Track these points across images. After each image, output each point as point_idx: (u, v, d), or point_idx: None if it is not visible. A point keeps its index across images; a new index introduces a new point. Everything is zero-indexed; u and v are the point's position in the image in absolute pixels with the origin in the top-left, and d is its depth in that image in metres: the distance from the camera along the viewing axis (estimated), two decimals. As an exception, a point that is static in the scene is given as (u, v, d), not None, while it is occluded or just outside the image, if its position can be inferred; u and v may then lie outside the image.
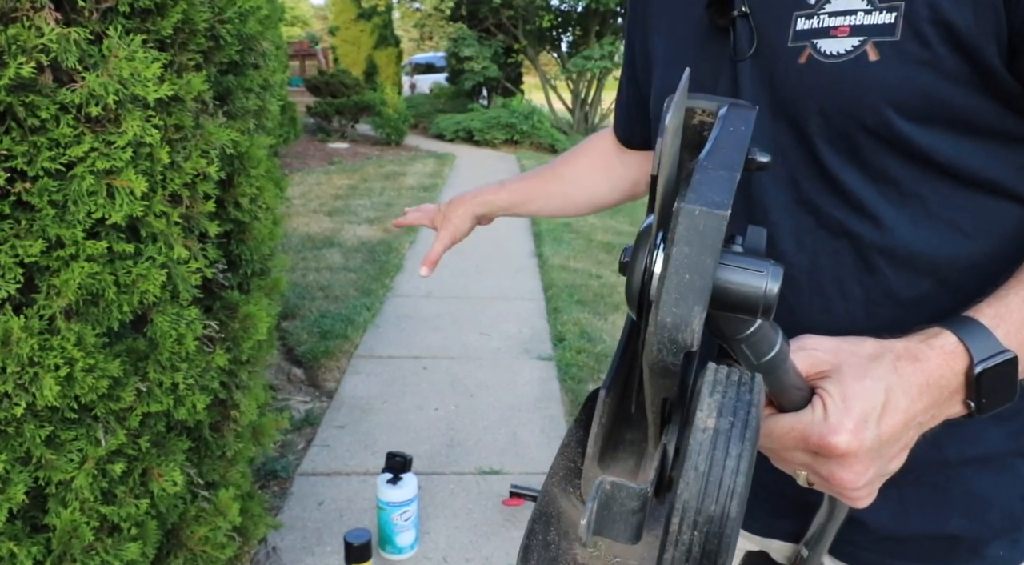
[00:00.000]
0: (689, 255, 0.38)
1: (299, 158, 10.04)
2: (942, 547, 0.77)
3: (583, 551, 0.50)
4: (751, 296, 0.42)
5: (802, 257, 0.72)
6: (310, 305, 4.39)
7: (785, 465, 0.59)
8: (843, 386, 0.54)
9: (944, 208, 0.68)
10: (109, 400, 1.28)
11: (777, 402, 0.56)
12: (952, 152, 0.65)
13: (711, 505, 0.36)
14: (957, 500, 0.75)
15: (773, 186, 0.73)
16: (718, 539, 0.36)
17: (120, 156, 1.19)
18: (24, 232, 1.16)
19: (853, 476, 0.54)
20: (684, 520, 0.36)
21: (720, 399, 0.39)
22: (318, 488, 2.67)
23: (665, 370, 0.40)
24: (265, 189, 1.72)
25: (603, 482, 0.42)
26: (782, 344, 0.49)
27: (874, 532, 0.77)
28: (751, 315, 0.43)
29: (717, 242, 0.38)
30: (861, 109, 0.65)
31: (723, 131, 0.45)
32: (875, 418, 0.54)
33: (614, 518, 0.42)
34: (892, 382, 0.55)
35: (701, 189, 0.39)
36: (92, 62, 1.17)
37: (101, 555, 1.31)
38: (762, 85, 0.71)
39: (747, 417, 0.38)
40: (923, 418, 0.57)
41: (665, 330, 0.38)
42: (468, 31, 16.61)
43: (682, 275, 0.38)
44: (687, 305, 0.38)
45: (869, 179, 0.68)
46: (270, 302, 1.85)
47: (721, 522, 0.36)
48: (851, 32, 0.65)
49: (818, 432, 0.53)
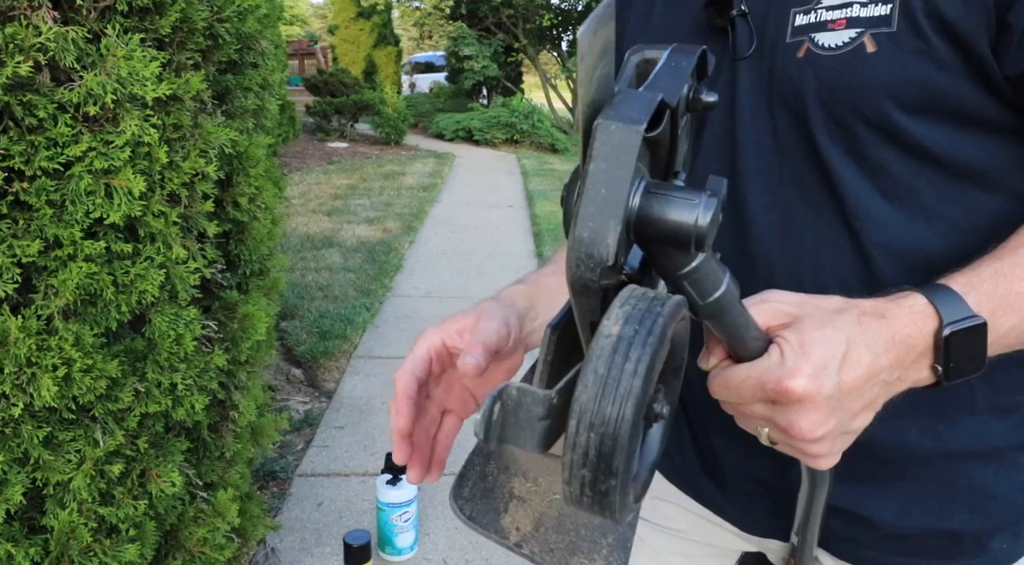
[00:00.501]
0: (605, 170, 0.38)
1: (298, 157, 10.03)
2: (946, 542, 0.77)
3: (521, 484, 0.49)
4: (682, 227, 0.42)
5: (804, 253, 0.73)
6: (309, 305, 4.38)
7: (746, 422, 0.58)
8: (802, 334, 0.53)
9: (938, 202, 0.68)
10: (107, 401, 1.28)
11: (734, 353, 0.55)
12: (947, 144, 0.66)
13: (607, 407, 0.36)
14: (960, 495, 0.75)
15: (776, 184, 0.73)
16: (613, 441, 0.36)
17: (118, 155, 1.19)
18: (22, 232, 1.16)
19: (811, 425, 0.53)
20: (581, 422, 0.37)
21: (629, 310, 0.39)
22: (317, 489, 2.66)
23: (585, 288, 0.40)
24: (264, 189, 1.71)
25: (508, 387, 0.42)
26: (729, 285, 0.49)
27: (878, 529, 0.77)
28: (684, 248, 0.43)
29: (631, 157, 0.38)
30: (861, 100, 0.66)
31: (663, 66, 0.45)
32: (835, 367, 0.53)
33: (520, 424, 0.42)
34: (855, 334, 0.54)
35: (620, 107, 0.40)
36: (90, 61, 1.17)
37: (99, 556, 1.30)
38: (761, 83, 0.72)
39: (652, 326, 0.38)
40: (888, 376, 0.56)
41: (582, 245, 0.39)
42: (468, 30, 16.62)
43: (598, 190, 0.38)
44: (603, 219, 0.38)
45: (867, 173, 0.69)
46: (269, 302, 1.85)
47: (616, 423, 0.36)
48: (848, 24, 0.65)
49: (775, 377, 0.52)
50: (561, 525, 0.47)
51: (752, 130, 0.73)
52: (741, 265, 0.74)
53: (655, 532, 0.95)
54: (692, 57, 0.46)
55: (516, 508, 0.49)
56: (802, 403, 0.52)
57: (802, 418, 0.53)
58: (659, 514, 0.94)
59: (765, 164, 0.73)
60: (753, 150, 0.73)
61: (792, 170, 0.72)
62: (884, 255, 0.70)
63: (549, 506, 0.48)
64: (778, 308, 0.56)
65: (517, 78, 18.36)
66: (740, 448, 0.81)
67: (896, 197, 0.69)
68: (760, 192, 0.74)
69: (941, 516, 0.76)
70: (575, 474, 0.38)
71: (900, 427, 0.73)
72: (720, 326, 0.52)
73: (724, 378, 0.55)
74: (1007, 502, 0.76)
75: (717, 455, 0.85)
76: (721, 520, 0.88)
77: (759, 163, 0.73)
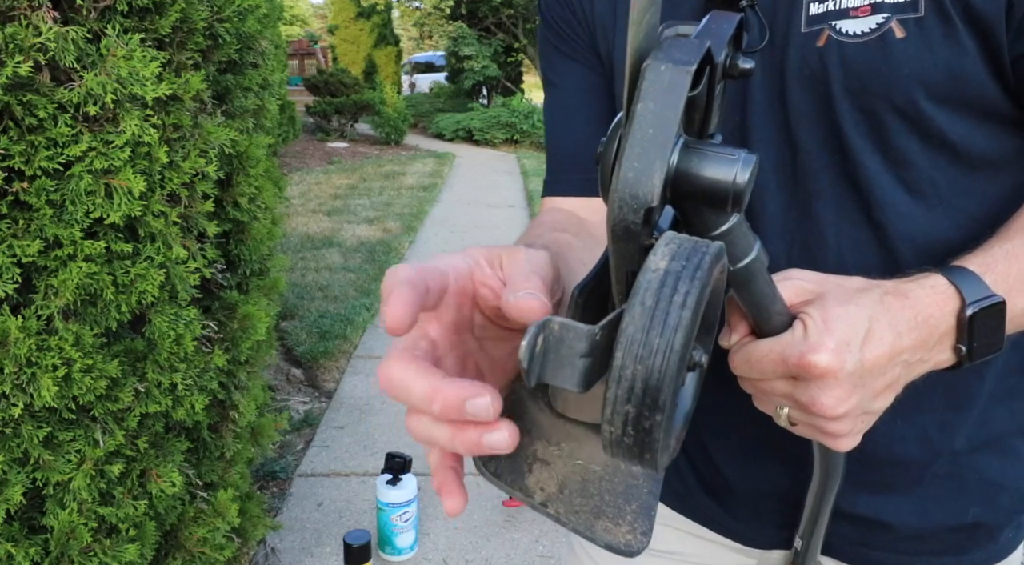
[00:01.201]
0: (653, 110, 0.38)
1: (298, 157, 10.03)
2: (961, 537, 0.77)
3: (544, 447, 0.48)
4: (721, 183, 0.41)
5: (826, 252, 0.72)
6: (309, 305, 4.38)
7: (766, 400, 0.58)
8: (825, 310, 0.53)
9: (955, 194, 0.68)
10: (107, 401, 1.28)
11: (757, 328, 0.55)
12: (965, 134, 0.66)
13: (655, 338, 0.35)
14: (972, 488, 0.76)
15: (791, 181, 0.72)
16: (661, 373, 0.35)
17: (118, 155, 1.19)
18: (22, 232, 1.16)
19: (833, 401, 0.52)
20: (627, 354, 0.35)
21: (675, 248, 0.37)
22: (317, 489, 2.66)
23: (627, 231, 0.38)
24: (264, 189, 1.71)
25: (551, 320, 0.39)
26: (759, 252, 0.48)
27: (895, 532, 0.77)
28: (721, 205, 0.42)
29: (681, 98, 0.38)
30: (890, 88, 0.64)
31: (704, 27, 0.45)
32: (858, 344, 0.53)
33: (561, 362, 0.39)
34: (878, 312, 0.54)
35: (670, 50, 0.39)
36: (90, 61, 1.17)
37: (99, 556, 1.30)
38: (773, 76, 0.70)
39: (700, 261, 0.36)
40: (910, 356, 0.56)
41: (627, 185, 0.38)
42: (468, 30, 16.61)
43: (645, 130, 0.38)
44: (648, 159, 0.38)
45: (891, 164, 0.67)
46: (269, 302, 1.85)
47: (666, 354, 0.35)
48: (873, 10, 0.64)
49: (797, 351, 0.52)
50: (585, 489, 0.46)
51: (763, 125, 0.71)
52: None
53: (644, 556, 0.93)
54: (733, 21, 0.45)
55: (540, 469, 0.47)
56: (824, 378, 0.52)
57: (824, 394, 0.52)
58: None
59: (779, 160, 0.71)
60: (765, 146, 0.71)
61: (807, 165, 0.70)
62: (910, 248, 0.69)
63: (572, 471, 0.47)
64: (801, 285, 0.56)
65: (517, 78, 18.36)
66: (747, 464, 0.81)
67: (917, 189, 0.68)
68: (776, 191, 0.72)
69: (957, 513, 0.76)
70: (618, 410, 0.36)
71: (918, 420, 0.73)
72: (747, 296, 0.52)
73: (747, 352, 0.55)
74: (1015, 491, 0.77)
75: (722, 474, 0.83)
76: (718, 537, 0.88)
77: (772, 159, 0.71)
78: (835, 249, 0.71)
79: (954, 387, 0.73)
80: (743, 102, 0.72)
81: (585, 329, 0.39)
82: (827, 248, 0.71)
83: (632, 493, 0.47)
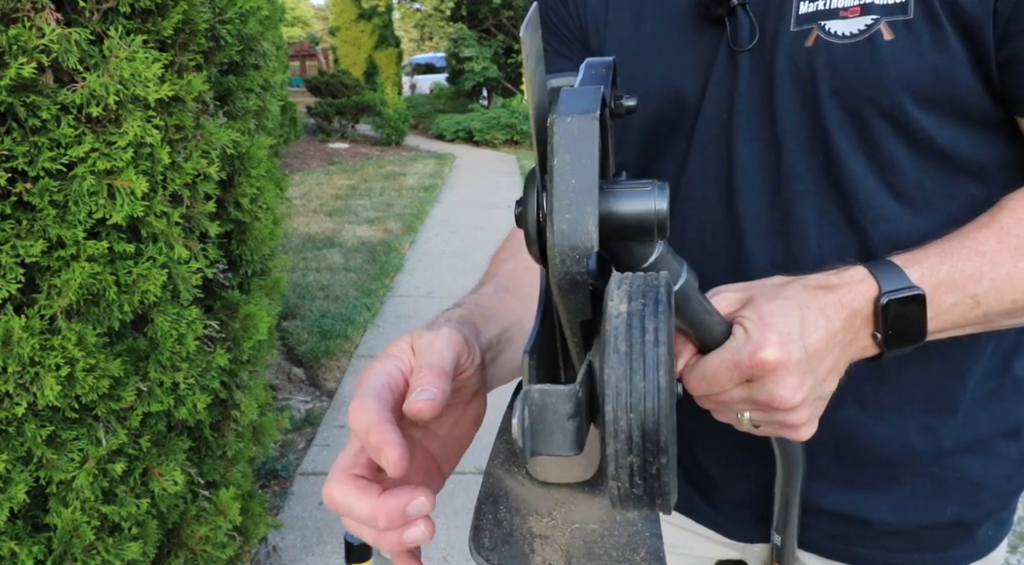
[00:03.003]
0: (570, 161, 0.39)
1: (299, 158, 10.04)
2: (940, 535, 0.78)
3: (538, 522, 0.48)
4: (644, 215, 0.42)
5: (807, 253, 0.71)
6: (310, 305, 4.39)
7: (726, 411, 0.59)
8: (758, 308, 0.55)
9: (941, 198, 0.68)
10: (110, 400, 1.28)
11: (701, 343, 0.56)
12: (952, 139, 0.66)
13: (639, 382, 0.35)
14: (952, 487, 0.76)
15: (774, 182, 0.72)
16: (656, 415, 0.35)
17: (121, 156, 1.19)
18: (25, 232, 1.16)
19: (789, 391, 0.54)
20: (617, 405, 0.35)
21: (628, 288, 0.38)
22: (318, 488, 2.67)
23: (573, 283, 0.39)
24: (265, 189, 1.72)
25: (530, 391, 0.40)
26: (688, 274, 0.50)
27: (874, 528, 0.78)
28: (648, 236, 0.43)
29: (594, 145, 0.39)
30: (877, 90, 0.64)
31: (584, 75, 0.46)
32: (797, 333, 0.54)
33: (550, 429, 0.40)
34: (804, 300, 0.56)
35: (569, 102, 0.40)
36: (93, 62, 1.17)
37: (102, 554, 1.31)
38: (762, 74, 0.69)
39: (657, 296, 0.37)
40: (843, 338, 0.58)
41: (564, 238, 0.39)
42: (468, 31, 16.63)
43: (568, 181, 0.39)
44: (579, 208, 0.39)
45: (876, 167, 0.68)
46: (270, 302, 1.86)
47: (655, 396, 0.35)
48: (863, 11, 0.64)
49: (746, 352, 0.53)
50: (591, 552, 0.46)
51: (749, 125, 0.71)
52: (736, 270, 0.72)
53: None
54: (608, 64, 0.47)
55: (541, 546, 0.47)
56: (776, 371, 0.53)
57: (779, 386, 0.54)
58: None
59: (763, 160, 0.71)
60: (750, 146, 0.71)
61: (791, 165, 0.70)
62: (891, 252, 0.68)
63: (572, 537, 0.47)
64: (729, 296, 0.58)
65: (517, 79, 18.34)
66: (730, 462, 0.82)
67: (903, 192, 0.68)
68: (760, 191, 0.72)
69: (936, 511, 0.77)
70: (621, 464, 0.35)
71: (899, 424, 0.74)
72: (686, 315, 0.53)
73: (700, 370, 0.56)
74: (993, 490, 0.77)
75: (706, 470, 0.85)
76: (702, 529, 0.89)
77: (757, 160, 0.71)
78: (816, 251, 0.71)
79: (935, 391, 0.74)
80: (730, 102, 0.71)
81: (567, 390, 0.39)
82: (809, 250, 0.71)
83: (636, 541, 0.47)
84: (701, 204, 0.76)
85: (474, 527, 0.48)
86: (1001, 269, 0.60)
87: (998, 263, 0.61)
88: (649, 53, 0.76)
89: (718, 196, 0.74)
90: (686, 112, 0.75)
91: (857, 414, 0.74)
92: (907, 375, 0.73)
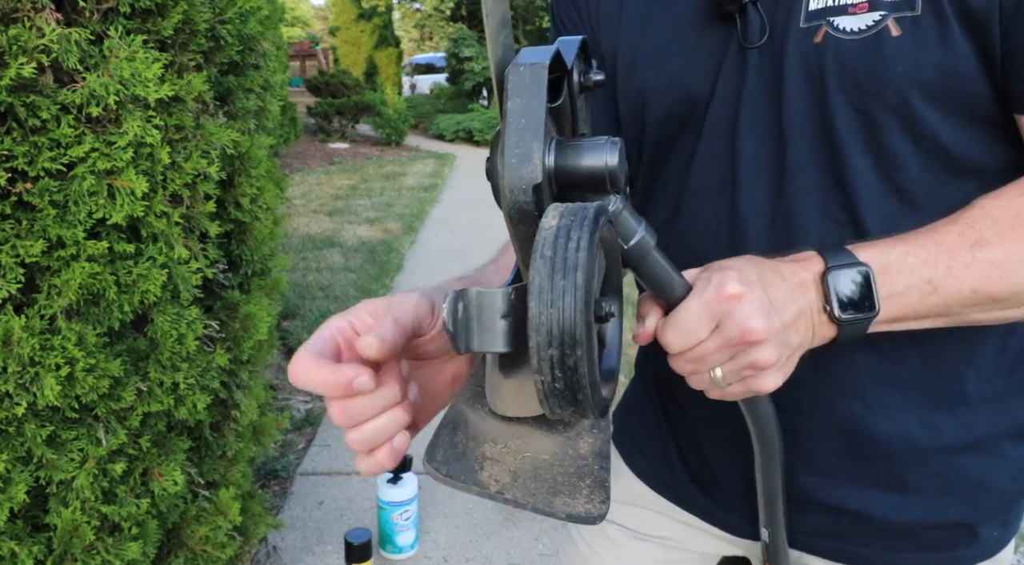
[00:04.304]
0: (520, 104, 0.43)
1: (299, 158, 10.04)
2: (943, 534, 0.78)
3: (491, 447, 0.51)
4: (596, 168, 0.46)
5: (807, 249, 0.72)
6: (310, 305, 4.39)
7: (701, 368, 0.59)
8: (715, 266, 0.59)
9: (941, 197, 0.68)
10: (110, 400, 1.28)
11: (665, 302, 0.58)
12: (956, 137, 0.66)
13: (560, 281, 0.39)
14: (956, 487, 0.76)
15: (778, 177, 0.72)
16: (573, 311, 0.38)
17: (121, 156, 1.19)
18: (25, 232, 1.17)
19: (758, 321, 0.55)
20: (539, 301, 0.39)
21: (562, 208, 0.42)
22: (318, 488, 2.67)
23: (521, 211, 0.43)
24: (265, 189, 1.72)
25: (467, 291, 0.45)
26: (646, 232, 0.53)
27: (875, 525, 0.78)
28: (601, 188, 0.47)
29: (542, 88, 0.43)
30: (884, 86, 0.65)
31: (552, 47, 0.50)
32: (755, 278, 0.57)
33: (484, 326, 0.45)
34: (756, 262, 0.60)
35: (524, 55, 0.45)
36: (93, 62, 1.18)
37: (102, 554, 1.31)
38: (771, 71, 0.70)
39: (585, 214, 0.41)
40: (800, 295, 0.60)
41: (512, 169, 0.43)
42: (468, 31, 16.63)
43: (518, 121, 0.43)
44: (526, 144, 0.43)
45: (879, 165, 0.68)
46: (270, 302, 1.86)
47: (573, 293, 0.39)
48: (870, 7, 0.64)
49: (711, 293, 0.56)
50: (538, 475, 0.50)
51: (756, 120, 0.71)
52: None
53: (635, 540, 0.95)
54: (577, 40, 0.50)
55: (491, 466, 0.51)
56: (741, 300, 0.55)
57: (749, 318, 0.55)
58: (641, 521, 0.95)
59: (768, 155, 0.71)
60: (756, 141, 0.72)
61: (796, 161, 0.70)
62: None
63: (523, 462, 0.50)
64: (689, 271, 0.60)
65: (518, 79, 18.35)
66: (733, 455, 0.82)
67: (905, 191, 0.68)
68: (764, 186, 0.72)
69: (938, 510, 0.77)
70: (543, 356, 0.39)
71: (899, 419, 0.74)
72: (646, 272, 0.56)
73: (672, 324, 0.57)
74: (997, 492, 0.77)
75: (710, 464, 0.85)
76: (707, 526, 0.89)
77: (762, 155, 0.72)
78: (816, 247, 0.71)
79: (934, 386, 0.74)
80: (738, 98, 0.72)
81: (500, 291, 0.44)
82: (809, 245, 0.70)
83: (584, 471, 0.50)
84: (705, 198, 0.76)
85: (430, 445, 0.52)
86: (958, 258, 0.61)
87: (955, 252, 0.61)
88: (660, 52, 0.77)
89: (722, 191, 0.75)
90: (696, 109, 0.75)
91: (859, 409, 0.74)
92: (906, 371, 0.73)
